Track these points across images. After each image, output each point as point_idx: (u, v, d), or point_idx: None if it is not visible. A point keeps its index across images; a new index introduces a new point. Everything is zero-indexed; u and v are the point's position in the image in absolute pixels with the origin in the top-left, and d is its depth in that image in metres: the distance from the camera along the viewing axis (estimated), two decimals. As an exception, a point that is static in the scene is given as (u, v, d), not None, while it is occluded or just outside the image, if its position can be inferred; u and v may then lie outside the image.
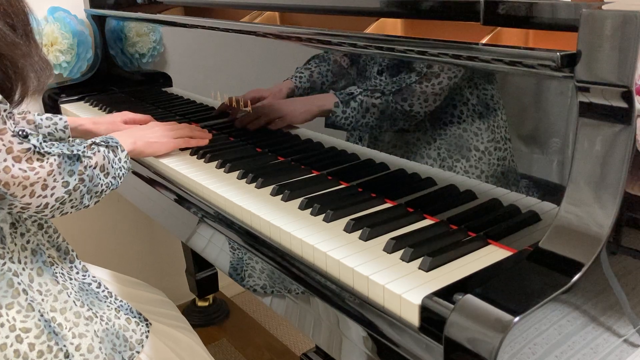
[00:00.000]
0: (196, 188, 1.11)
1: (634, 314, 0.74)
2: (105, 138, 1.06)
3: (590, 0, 0.72)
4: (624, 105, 0.64)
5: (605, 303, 0.69)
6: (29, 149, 0.86)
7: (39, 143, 0.88)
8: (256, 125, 1.24)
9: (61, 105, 1.77)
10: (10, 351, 0.88)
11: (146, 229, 2.10)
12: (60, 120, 1.26)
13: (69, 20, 1.75)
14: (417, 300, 0.68)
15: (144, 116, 1.39)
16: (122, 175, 1.05)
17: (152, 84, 1.66)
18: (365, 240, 0.83)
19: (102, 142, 1.03)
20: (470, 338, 0.60)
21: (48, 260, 0.99)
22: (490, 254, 0.77)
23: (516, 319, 0.59)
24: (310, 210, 0.93)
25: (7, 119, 0.84)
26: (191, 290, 2.08)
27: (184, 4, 1.66)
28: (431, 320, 0.66)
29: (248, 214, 0.96)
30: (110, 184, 1.01)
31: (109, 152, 1.02)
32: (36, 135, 0.89)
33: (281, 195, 0.99)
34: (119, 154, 1.05)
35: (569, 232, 0.67)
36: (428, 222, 0.87)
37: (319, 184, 1.03)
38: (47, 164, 0.88)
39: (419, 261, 0.75)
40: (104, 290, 1.05)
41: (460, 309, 0.62)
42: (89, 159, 0.96)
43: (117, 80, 1.84)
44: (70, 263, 1.04)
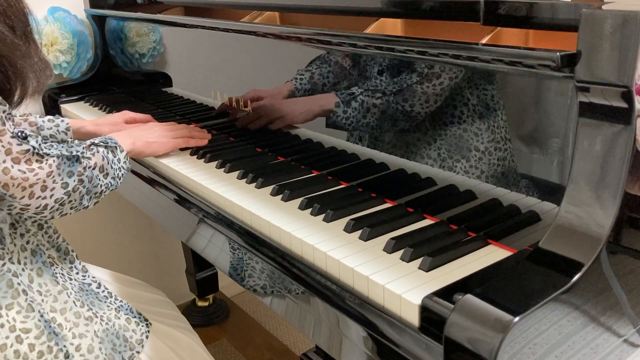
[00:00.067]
0: (196, 188, 1.11)
1: (634, 314, 0.74)
2: (105, 138, 1.06)
3: (590, 0, 0.72)
4: (624, 105, 0.64)
5: (605, 303, 0.69)
6: (28, 150, 0.86)
7: (38, 144, 0.88)
8: (256, 126, 1.24)
9: (61, 106, 1.77)
10: (10, 352, 0.88)
11: (146, 229, 2.10)
12: (62, 122, 1.26)
13: (69, 20, 1.75)
14: (417, 300, 0.68)
15: (145, 115, 1.39)
16: (122, 175, 1.05)
17: (152, 84, 1.66)
18: (365, 240, 0.83)
19: (101, 143, 1.03)
20: (470, 338, 0.60)
21: (48, 261, 0.99)
22: (490, 254, 0.77)
23: (516, 319, 0.59)
24: (310, 210, 0.93)
25: (7, 120, 0.84)
26: (191, 290, 2.08)
27: (184, 4, 1.66)
28: (431, 320, 0.66)
29: (248, 214, 0.96)
30: (110, 185, 1.01)
31: (108, 153, 1.02)
32: (35, 136, 0.89)
33: (281, 195, 0.99)
34: (118, 154, 1.05)
35: (569, 232, 0.67)
36: (428, 222, 0.87)
37: (319, 184, 1.03)
38: (46, 165, 0.88)
39: (419, 261, 0.75)
40: (104, 291, 1.05)
41: (460, 309, 0.62)
42: (88, 160, 0.96)
43: (117, 80, 1.84)
44: (70, 263, 1.04)
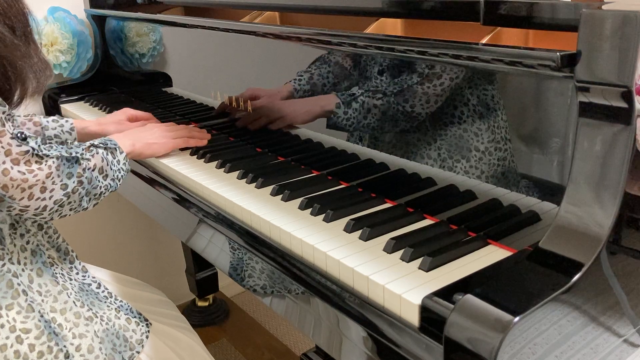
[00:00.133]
0: (196, 188, 1.11)
1: (634, 314, 0.74)
2: (104, 140, 1.05)
3: (590, 0, 0.72)
4: (624, 105, 0.64)
5: (605, 303, 0.69)
6: (27, 152, 0.86)
7: (38, 145, 0.88)
8: (256, 126, 1.24)
9: (61, 105, 1.77)
10: (10, 352, 0.88)
11: (146, 229, 2.10)
12: (67, 122, 1.26)
13: (69, 20, 1.75)
14: (417, 300, 0.68)
15: (145, 113, 1.39)
16: (121, 177, 1.05)
17: (152, 84, 1.66)
18: (365, 240, 0.83)
19: (101, 144, 1.03)
20: (470, 338, 0.60)
21: (48, 261, 0.99)
22: (490, 254, 0.77)
23: (516, 319, 0.59)
24: (310, 210, 0.93)
25: (6, 121, 0.84)
26: (191, 290, 2.08)
27: (184, 4, 1.66)
28: (431, 320, 0.66)
29: (248, 214, 0.96)
30: (109, 186, 1.01)
31: (107, 154, 1.02)
32: (35, 137, 0.89)
33: (281, 195, 0.99)
34: (117, 156, 1.05)
35: (569, 232, 0.67)
36: (428, 222, 0.87)
37: (319, 184, 1.03)
38: (46, 167, 0.88)
39: (419, 261, 0.75)
40: (104, 291, 1.05)
41: (460, 309, 0.62)
42: (87, 162, 0.96)
43: (117, 80, 1.84)
44: (70, 263, 1.04)
